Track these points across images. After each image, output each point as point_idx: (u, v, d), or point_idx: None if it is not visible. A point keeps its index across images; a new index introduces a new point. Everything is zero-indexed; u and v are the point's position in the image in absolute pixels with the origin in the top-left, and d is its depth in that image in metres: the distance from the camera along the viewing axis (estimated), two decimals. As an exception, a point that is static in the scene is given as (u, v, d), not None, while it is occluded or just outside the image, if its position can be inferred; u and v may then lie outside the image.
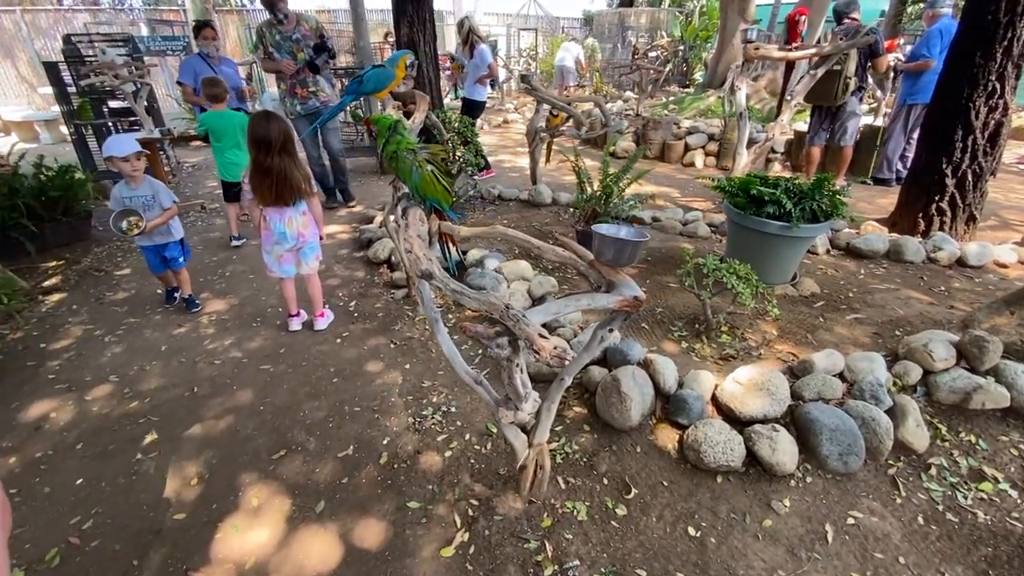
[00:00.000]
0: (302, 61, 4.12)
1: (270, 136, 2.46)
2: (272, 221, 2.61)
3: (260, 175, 2.51)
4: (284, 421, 2.18)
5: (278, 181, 2.51)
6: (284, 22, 4.10)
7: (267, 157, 2.48)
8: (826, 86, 4.33)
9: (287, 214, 2.62)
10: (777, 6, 13.02)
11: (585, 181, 3.44)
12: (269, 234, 2.64)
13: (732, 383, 2.00)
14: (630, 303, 1.35)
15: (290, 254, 2.70)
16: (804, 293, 2.88)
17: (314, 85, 4.28)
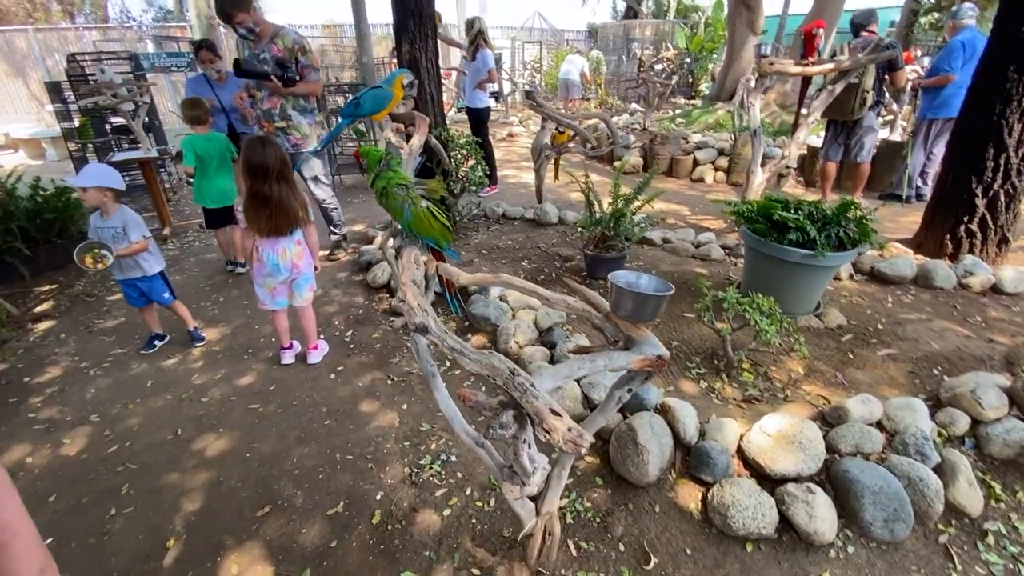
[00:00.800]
0: (267, 89, 3.33)
1: (267, 162, 2.32)
2: (264, 252, 2.46)
3: (257, 204, 2.36)
4: (271, 471, 2.01)
5: (276, 210, 2.38)
6: (250, 38, 3.30)
7: (264, 185, 2.34)
8: (843, 100, 4.17)
9: (281, 244, 2.47)
10: (784, 18, 12.94)
11: (594, 203, 3.29)
12: (261, 266, 2.48)
13: (760, 434, 1.81)
14: (652, 363, 1.19)
15: (283, 286, 2.56)
16: (830, 325, 2.70)
17: (283, 119, 3.43)
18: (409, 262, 1.40)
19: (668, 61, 11.41)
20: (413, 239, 1.50)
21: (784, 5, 12.83)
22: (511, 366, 1.07)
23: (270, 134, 3.41)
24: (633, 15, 18.26)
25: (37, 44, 10.70)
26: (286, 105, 3.41)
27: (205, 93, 4.02)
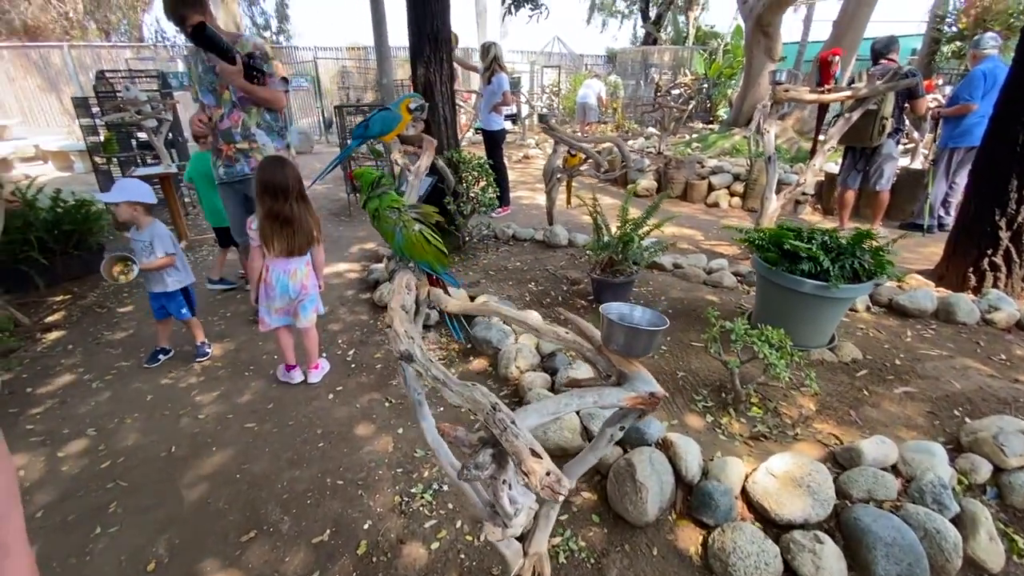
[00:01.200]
0: (227, 104, 2.87)
1: (286, 182, 2.33)
2: (274, 273, 2.44)
3: (274, 224, 2.34)
4: (260, 494, 1.97)
5: (297, 231, 2.38)
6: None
7: (285, 205, 2.33)
8: (862, 127, 4.11)
9: (292, 265, 2.46)
10: (804, 44, 12.94)
11: (602, 227, 3.25)
12: (270, 287, 2.45)
13: (766, 475, 1.72)
14: (644, 401, 1.13)
15: (287, 306, 2.54)
16: (844, 359, 2.59)
17: (245, 139, 2.93)
18: (400, 287, 1.37)
19: (685, 86, 11.45)
20: (406, 263, 1.48)
21: (803, 32, 12.84)
22: (493, 401, 1.02)
23: (228, 159, 2.99)
24: (652, 41, 18.48)
25: (71, 60, 11.17)
26: (249, 122, 2.92)
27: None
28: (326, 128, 12.21)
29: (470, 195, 4.09)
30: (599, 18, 23.86)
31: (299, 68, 13.31)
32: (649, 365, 2.59)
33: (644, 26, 19.63)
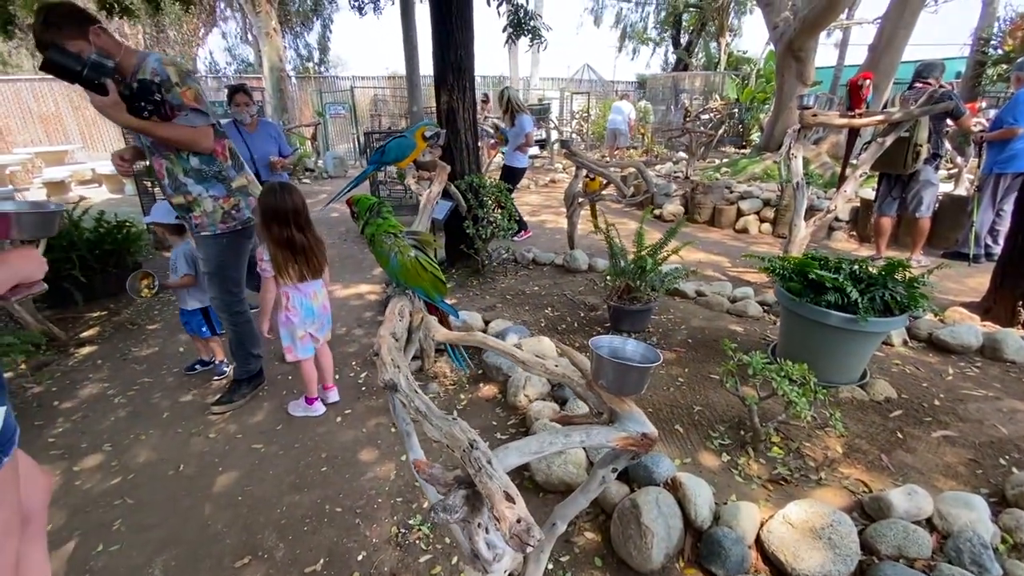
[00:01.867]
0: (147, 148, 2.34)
1: (296, 206, 2.30)
2: (296, 300, 2.41)
3: (287, 250, 2.30)
4: (259, 518, 1.95)
5: (313, 252, 2.37)
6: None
7: (296, 231, 2.30)
8: (895, 153, 3.95)
9: (312, 288, 2.46)
10: (839, 68, 12.68)
11: (618, 254, 3.18)
12: (293, 314, 2.43)
13: (782, 524, 1.60)
14: (636, 442, 1.06)
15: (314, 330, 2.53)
16: (876, 397, 2.42)
17: (178, 192, 2.36)
18: (392, 314, 1.35)
19: (716, 111, 11.35)
20: (402, 290, 1.46)
21: (839, 57, 12.61)
22: (472, 438, 0.97)
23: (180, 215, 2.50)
24: (683, 67, 18.51)
25: (131, 92, 11.93)
26: (174, 170, 2.32)
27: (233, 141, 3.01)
28: (361, 153, 12.62)
29: (489, 219, 4.10)
30: (630, 45, 24.10)
31: (338, 96, 13.88)
32: (664, 398, 2.49)
33: (675, 52, 19.71)
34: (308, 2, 19.79)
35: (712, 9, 17.52)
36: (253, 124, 3.97)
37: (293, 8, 19.54)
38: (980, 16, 9.74)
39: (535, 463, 1.97)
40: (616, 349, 1.11)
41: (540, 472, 1.96)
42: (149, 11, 5.57)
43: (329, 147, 12.54)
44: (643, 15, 22.73)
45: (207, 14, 19.08)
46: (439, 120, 4.31)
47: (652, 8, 21.95)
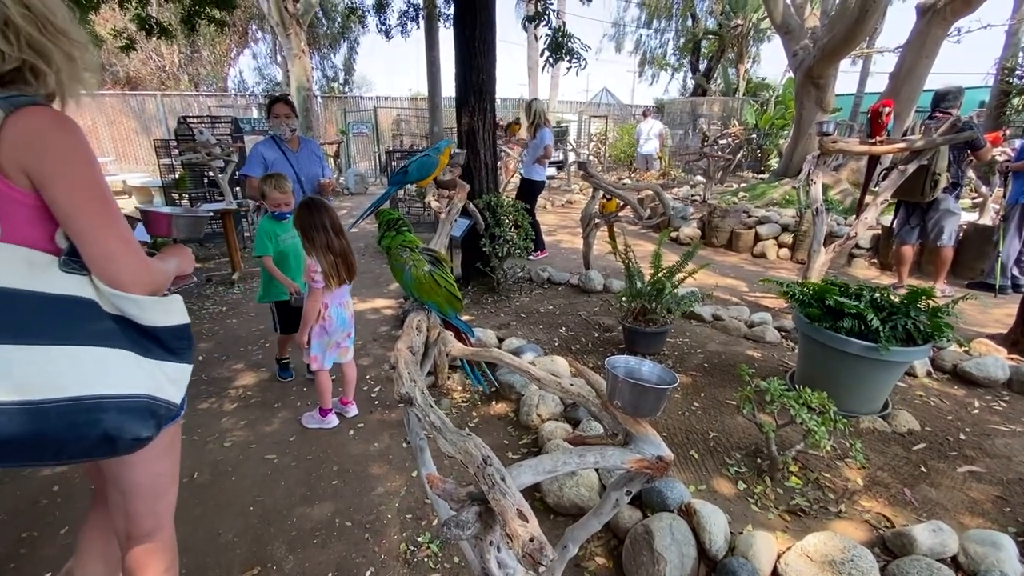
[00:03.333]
0: None
1: (330, 213, 2.39)
2: (333, 308, 2.47)
3: (331, 254, 2.36)
4: (269, 529, 1.96)
5: (348, 256, 2.44)
6: None
7: (335, 235, 2.37)
8: (913, 180, 3.91)
9: (345, 296, 2.53)
10: (860, 96, 12.66)
11: (635, 275, 3.18)
12: (329, 323, 2.47)
13: (800, 556, 1.55)
14: (650, 465, 1.05)
15: (342, 339, 2.57)
16: (899, 429, 2.36)
17: None
18: (409, 328, 1.37)
19: (734, 136, 11.38)
20: (420, 305, 1.48)
21: (859, 83, 12.60)
22: (486, 454, 0.97)
23: None
24: (702, 93, 18.63)
25: (163, 107, 12.42)
26: None
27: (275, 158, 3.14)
28: (381, 171, 12.87)
29: (506, 238, 4.14)
30: (649, 71, 24.38)
31: (361, 116, 14.23)
32: (679, 422, 2.46)
33: (694, 78, 19.87)
34: (336, 25, 20.47)
35: (731, 36, 17.70)
36: (295, 141, 3.29)
37: (321, 31, 20.22)
38: (1004, 46, 9.68)
39: (547, 484, 1.95)
40: (632, 370, 1.11)
41: (551, 493, 1.94)
42: (185, 32, 5.82)
43: (351, 164, 12.81)
44: (662, 41, 23.04)
45: (239, 35, 19.85)
46: (459, 140, 4.40)
47: (672, 35, 22.25)
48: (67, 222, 0.92)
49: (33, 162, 0.88)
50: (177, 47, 17.70)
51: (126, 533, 1.17)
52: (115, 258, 0.94)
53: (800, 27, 8.32)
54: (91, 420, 0.87)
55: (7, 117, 0.86)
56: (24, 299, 0.87)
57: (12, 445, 0.83)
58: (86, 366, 0.88)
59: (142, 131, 13.50)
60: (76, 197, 0.91)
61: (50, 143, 0.89)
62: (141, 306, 0.97)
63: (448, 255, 1.63)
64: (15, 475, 2.25)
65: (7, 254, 0.88)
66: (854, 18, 6.56)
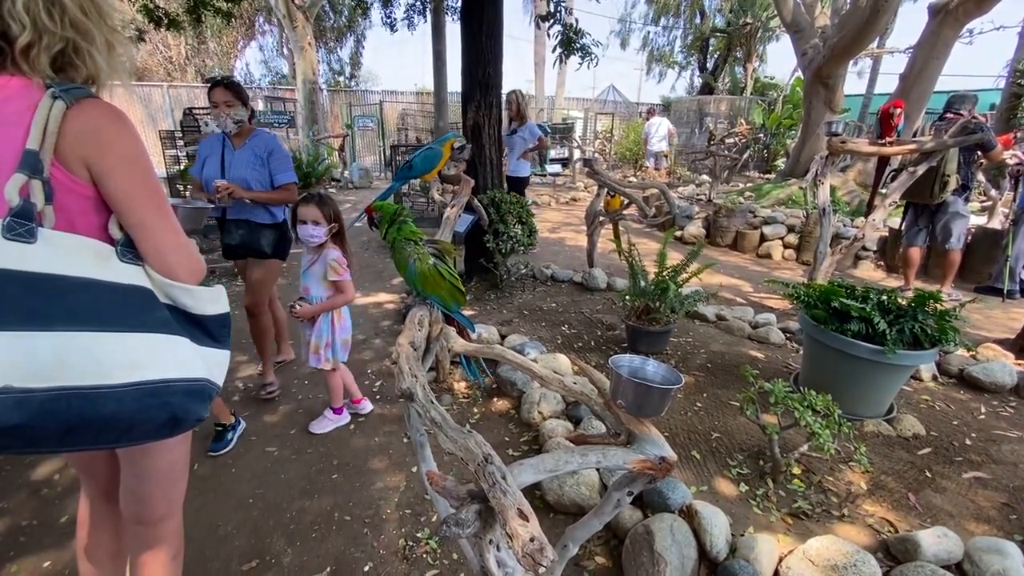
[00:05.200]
0: None
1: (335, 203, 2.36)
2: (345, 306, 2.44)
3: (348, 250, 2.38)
4: (268, 522, 1.95)
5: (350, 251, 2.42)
6: None
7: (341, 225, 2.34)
8: (922, 182, 3.87)
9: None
10: (869, 96, 12.56)
11: (639, 274, 3.16)
12: (345, 319, 2.45)
13: (802, 559, 1.54)
14: (653, 466, 1.04)
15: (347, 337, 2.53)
16: (904, 433, 2.34)
17: None
18: (411, 323, 1.35)
19: (741, 136, 11.31)
20: (422, 300, 1.47)
21: (868, 84, 12.51)
22: (487, 452, 0.96)
23: None
24: (709, 91, 18.53)
25: (169, 98, 12.43)
26: None
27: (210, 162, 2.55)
28: (386, 165, 12.85)
29: (510, 234, 4.12)
30: (656, 68, 24.26)
31: (367, 110, 14.21)
32: (681, 423, 2.44)
33: (701, 76, 19.76)
34: (343, 18, 20.43)
35: (740, 35, 17.58)
36: (244, 135, 2.60)
37: (328, 24, 20.18)
38: (1016, 47, 9.58)
39: (547, 482, 1.94)
40: (636, 369, 1.09)
41: (551, 492, 1.93)
42: (191, 23, 5.80)
43: (356, 158, 12.79)
44: (670, 39, 22.92)
45: (246, 28, 19.84)
46: (465, 135, 4.38)
47: (679, 32, 22.13)
48: (125, 215, 0.94)
49: (95, 155, 0.90)
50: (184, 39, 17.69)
51: (137, 518, 1.18)
52: (171, 250, 0.97)
53: (810, 26, 8.24)
54: (161, 403, 0.90)
55: (68, 109, 0.88)
56: (98, 288, 0.89)
57: (87, 428, 0.85)
58: (156, 351, 0.92)
59: (148, 122, 13.51)
60: (135, 191, 0.94)
61: (112, 137, 0.92)
62: (194, 296, 1.00)
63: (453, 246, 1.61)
64: (16, 463, 2.26)
65: (79, 245, 0.90)
66: (865, 18, 6.49)
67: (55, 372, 0.81)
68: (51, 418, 0.81)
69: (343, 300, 2.35)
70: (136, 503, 1.17)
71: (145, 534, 1.21)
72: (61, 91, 0.88)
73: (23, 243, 0.82)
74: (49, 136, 0.86)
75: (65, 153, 0.88)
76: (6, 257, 0.81)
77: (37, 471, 2.21)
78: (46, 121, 0.86)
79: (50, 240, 0.85)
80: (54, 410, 0.80)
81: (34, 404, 0.79)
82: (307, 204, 2.24)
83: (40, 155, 0.85)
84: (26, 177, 0.84)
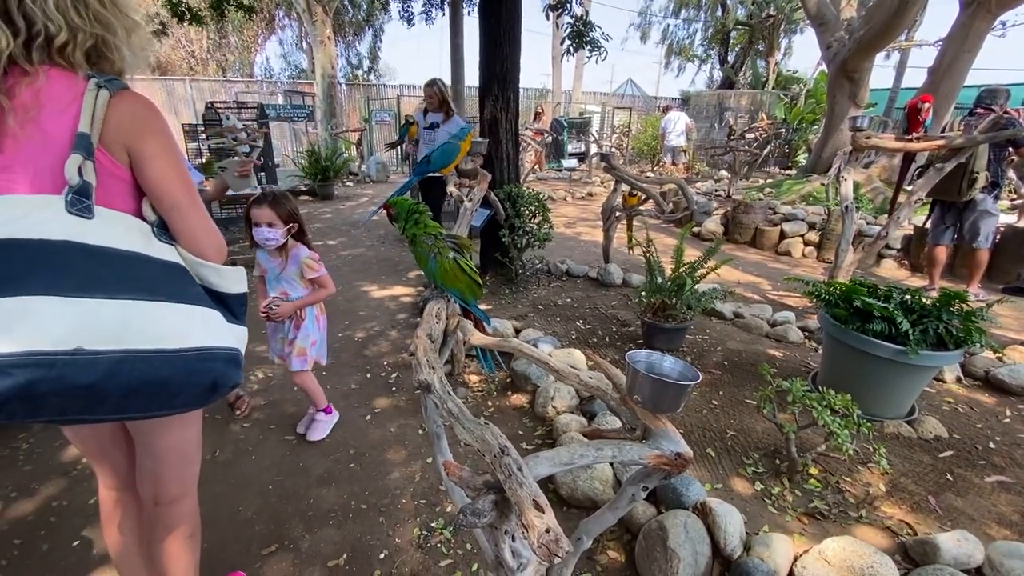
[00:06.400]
0: None
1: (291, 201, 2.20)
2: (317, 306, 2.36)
3: None
4: (287, 508, 2.00)
5: None
6: None
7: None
8: (949, 179, 3.77)
9: None
10: (896, 91, 12.24)
11: (655, 270, 3.14)
12: (323, 320, 2.39)
13: (818, 560, 1.53)
14: (669, 462, 1.04)
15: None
16: (925, 435, 2.30)
17: None
18: (429, 315, 1.37)
19: (761, 131, 11.11)
20: (440, 293, 1.48)
21: (895, 78, 12.18)
22: (503, 444, 0.97)
23: None
24: (729, 85, 18.22)
25: (191, 91, 12.63)
26: None
27: None
28: (403, 160, 12.91)
29: (525, 228, 4.12)
30: (676, 62, 23.93)
31: (384, 104, 14.27)
32: (696, 420, 2.43)
33: (721, 70, 19.44)
34: (362, 12, 20.50)
35: (762, 27, 17.23)
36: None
37: (347, 18, 20.27)
38: (1053, 41, 9.22)
39: (560, 476, 1.95)
40: (653, 365, 1.09)
41: (565, 485, 1.94)
42: (214, 17, 5.89)
43: (373, 152, 12.88)
44: (690, 31, 22.57)
45: (267, 22, 20.03)
46: (482, 130, 4.38)
47: (700, 25, 21.77)
48: (161, 198, 1.01)
49: (136, 142, 0.97)
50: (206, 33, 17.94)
51: (154, 499, 1.23)
52: (203, 232, 1.05)
53: (835, 18, 8.04)
54: (206, 369, 0.96)
55: (111, 98, 0.95)
56: (148, 262, 0.96)
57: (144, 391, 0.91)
58: (199, 321, 0.98)
59: (171, 115, 13.77)
60: (170, 176, 1.01)
61: (150, 125, 0.99)
62: (221, 275, 1.07)
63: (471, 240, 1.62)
64: (48, 445, 2.34)
65: (128, 223, 0.97)
66: (893, 9, 6.31)
67: (120, 336, 0.87)
68: (115, 380, 0.86)
69: (326, 293, 2.26)
70: (153, 484, 1.22)
71: (162, 514, 1.26)
72: (104, 81, 0.95)
73: (83, 218, 0.89)
74: (96, 122, 0.92)
75: (109, 139, 0.94)
76: (70, 230, 0.87)
77: (66, 453, 2.29)
78: (93, 108, 0.92)
79: (105, 217, 0.92)
80: (119, 372, 0.86)
81: (103, 365, 0.84)
82: (259, 205, 2.04)
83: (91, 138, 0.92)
84: (82, 157, 0.90)
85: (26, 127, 0.89)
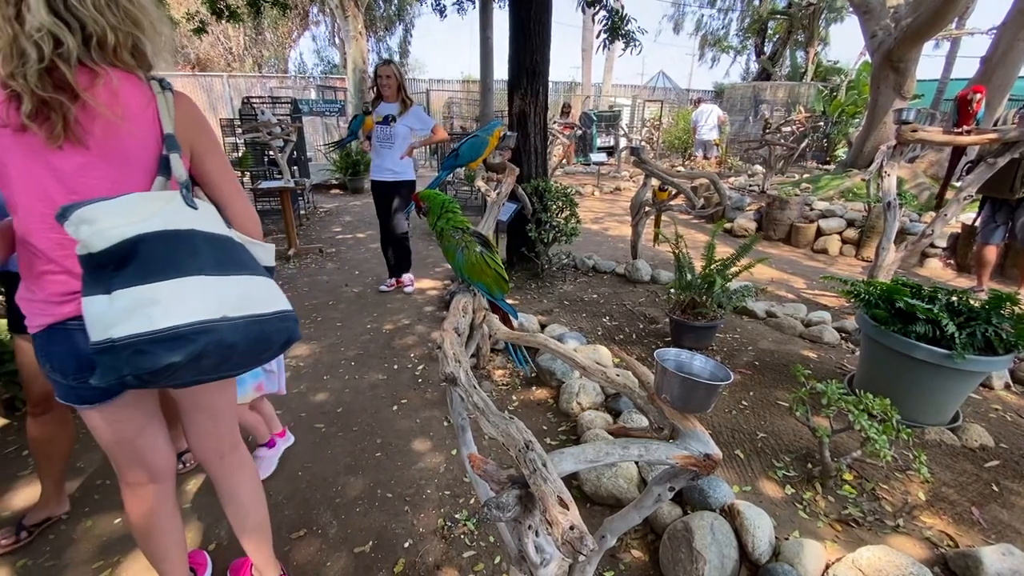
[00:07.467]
0: None
1: None
2: None
3: None
4: (315, 495, 2.05)
5: None
6: None
7: None
8: (1001, 175, 3.56)
9: None
10: (945, 82, 11.65)
11: (685, 266, 3.08)
12: None
13: (851, 568, 1.48)
14: (697, 462, 1.02)
15: None
16: (970, 444, 2.19)
17: None
18: (456, 309, 1.37)
19: (798, 124, 10.74)
20: (467, 287, 1.49)
21: (944, 68, 11.59)
22: (528, 438, 0.97)
23: None
24: (766, 77, 17.66)
25: (229, 87, 12.99)
26: None
27: None
28: (431, 153, 13.00)
29: (553, 223, 4.10)
30: (710, 53, 23.33)
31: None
32: (725, 420, 2.38)
33: (758, 61, 18.85)
34: (393, 6, 20.67)
35: (802, 16, 16.61)
36: None
37: (378, 13, 20.48)
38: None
39: (584, 473, 1.94)
40: (683, 363, 1.07)
41: (589, 482, 1.93)
42: (251, 14, 6.02)
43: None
44: (725, 21, 21.96)
45: (301, 18, 20.40)
46: (511, 123, 4.36)
47: (735, 15, 21.16)
48: (216, 188, 1.17)
49: (197, 138, 1.12)
50: (243, 30, 18.39)
51: (219, 454, 1.38)
52: (249, 215, 1.22)
53: (881, 5, 7.68)
54: (285, 327, 1.10)
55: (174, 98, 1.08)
56: (235, 243, 1.09)
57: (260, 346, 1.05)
58: (273, 288, 1.13)
59: (209, 110, 14.18)
60: (223, 168, 1.18)
61: (203, 123, 1.15)
62: (267, 251, 1.21)
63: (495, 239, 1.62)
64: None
65: (214, 210, 1.10)
66: (944, -5, 5.99)
67: (245, 304, 1.02)
68: (247, 338, 1.01)
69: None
70: (216, 440, 1.36)
71: (230, 463, 1.40)
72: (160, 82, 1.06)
73: (194, 209, 1.03)
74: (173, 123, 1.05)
75: (180, 138, 1.08)
76: (191, 220, 1.01)
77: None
78: (167, 109, 1.05)
79: (203, 207, 1.06)
80: (249, 332, 1.01)
81: (240, 327, 0.99)
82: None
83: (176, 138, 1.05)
84: (178, 156, 1.05)
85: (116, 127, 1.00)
